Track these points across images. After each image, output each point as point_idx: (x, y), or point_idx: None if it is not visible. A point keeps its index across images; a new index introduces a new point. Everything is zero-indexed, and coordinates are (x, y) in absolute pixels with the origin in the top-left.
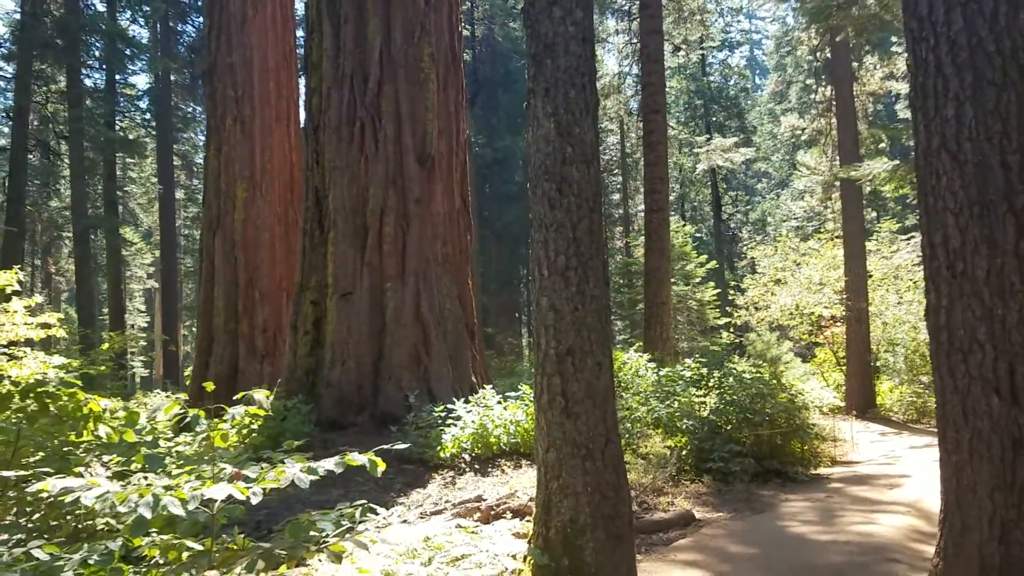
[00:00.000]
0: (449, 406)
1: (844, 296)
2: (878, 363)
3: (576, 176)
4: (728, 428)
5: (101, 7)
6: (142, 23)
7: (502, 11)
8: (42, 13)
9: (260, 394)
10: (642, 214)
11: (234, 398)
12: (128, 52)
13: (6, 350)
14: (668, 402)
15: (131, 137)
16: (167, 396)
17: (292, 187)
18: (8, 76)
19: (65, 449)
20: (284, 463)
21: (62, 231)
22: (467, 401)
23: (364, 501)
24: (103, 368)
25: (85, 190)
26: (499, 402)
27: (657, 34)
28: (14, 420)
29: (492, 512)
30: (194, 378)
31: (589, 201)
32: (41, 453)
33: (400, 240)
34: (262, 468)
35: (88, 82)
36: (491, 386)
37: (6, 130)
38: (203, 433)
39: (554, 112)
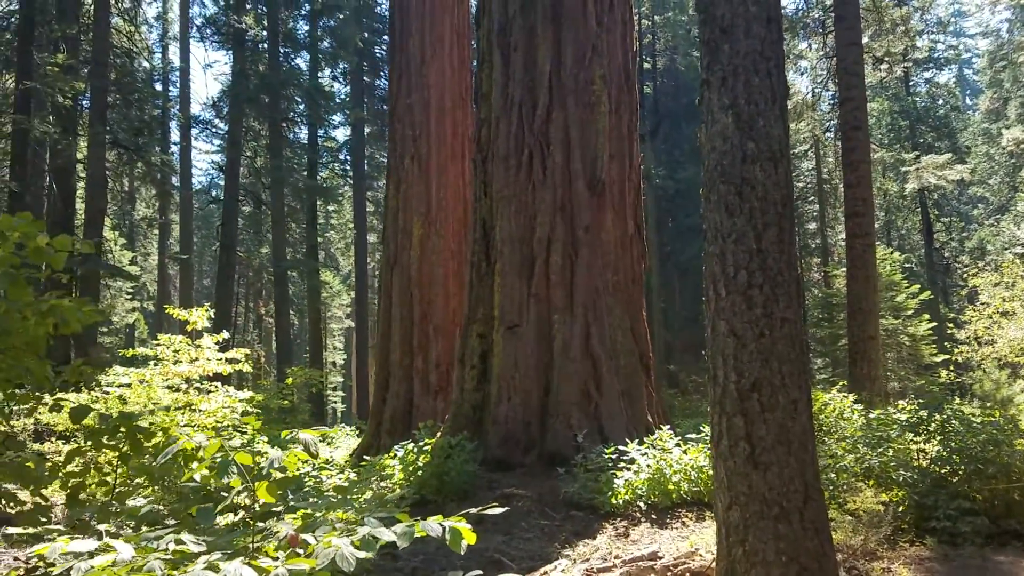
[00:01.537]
0: (621, 448)
1: None
2: None
3: (760, 176)
4: (955, 481)
5: (303, 66)
6: (342, 80)
7: (685, 41)
8: (249, 71)
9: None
10: (842, 243)
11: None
12: (326, 106)
13: (199, 385)
14: (880, 449)
15: (329, 186)
16: (352, 431)
17: (465, 223)
18: (222, 132)
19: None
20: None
21: (270, 275)
22: (642, 442)
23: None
24: (286, 402)
25: (285, 235)
26: (678, 444)
27: (855, 46)
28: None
29: (669, 573)
30: (372, 414)
31: (777, 205)
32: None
33: (568, 270)
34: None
35: (293, 136)
36: (669, 426)
37: (221, 182)
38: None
39: (732, 104)
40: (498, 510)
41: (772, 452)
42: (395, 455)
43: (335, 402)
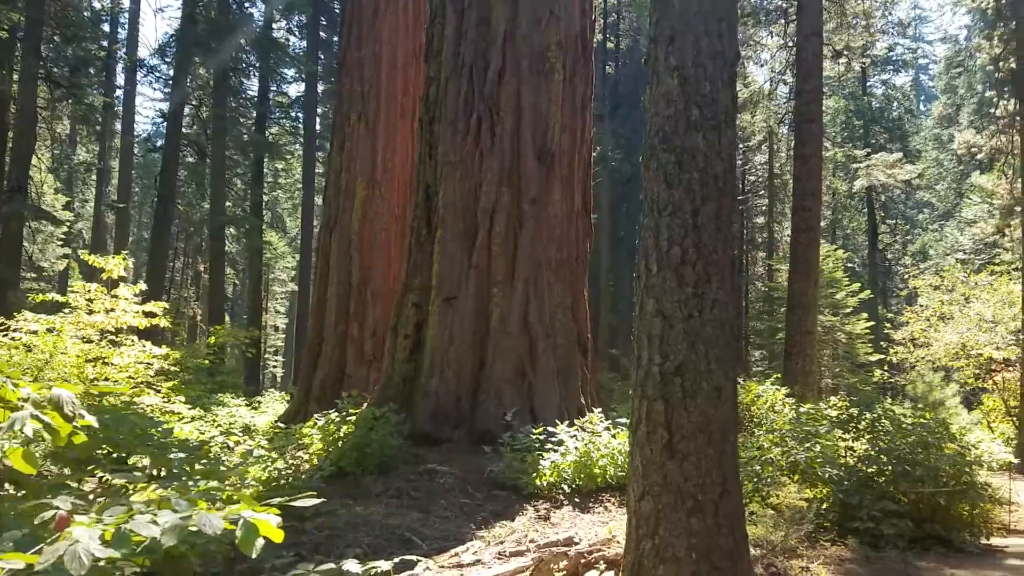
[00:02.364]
0: (550, 428)
1: (1021, 337)
2: None
3: (702, 146)
4: (881, 481)
5: (258, 15)
6: (297, 34)
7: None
8: (199, 16)
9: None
10: (788, 239)
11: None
12: (277, 58)
13: (114, 338)
14: (808, 444)
15: (277, 142)
16: (281, 397)
17: (413, 187)
18: (167, 78)
19: None
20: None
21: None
22: (572, 424)
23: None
24: (204, 362)
25: (224, 189)
26: (608, 428)
27: (816, 37)
28: None
29: (582, 560)
30: (301, 380)
31: (718, 179)
32: None
33: (511, 242)
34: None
35: (243, 88)
36: (602, 410)
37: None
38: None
39: (679, 65)
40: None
41: (691, 441)
42: (315, 424)
43: (275, 367)
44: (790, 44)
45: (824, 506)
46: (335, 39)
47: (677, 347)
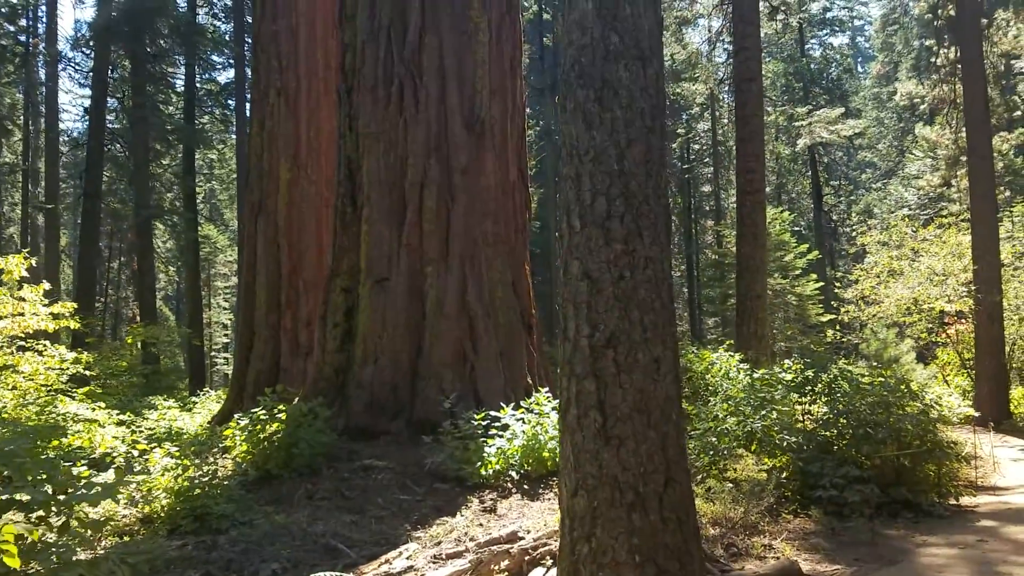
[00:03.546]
0: (493, 412)
1: (972, 288)
2: (1013, 366)
3: (625, 78)
4: (842, 446)
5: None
6: (223, 18)
7: None
8: (115, 3)
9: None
10: (735, 205)
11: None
12: (201, 43)
13: (23, 342)
14: (764, 412)
15: (206, 131)
16: (218, 396)
17: None
18: (87, 70)
19: None
20: None
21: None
22: (519, 407)
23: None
24: (122, 363)
25: (147, 182)
26: (556, 408)
27: None
28: None
29: (527, 558)
30: (234, 376)
31: (645, 116)
32: None
33: (443, 217)
34: None
35: (169, 76)
36: (549, 389)
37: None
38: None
39: None
40: None
41: (628, 423)
42: (237, 424)
43: (222, 364)
44: (726, 2)
45: (784, 475)
46: None
47: (607, 315)
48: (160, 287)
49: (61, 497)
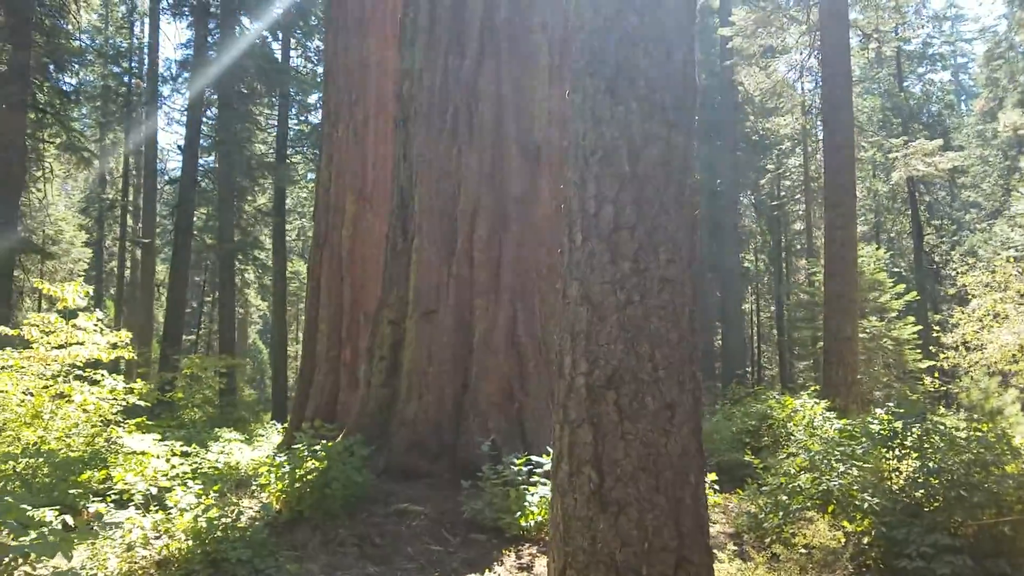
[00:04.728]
0: (535, 458)
1: None
2: None
3: (644, 65)
4: (932, 509)
5: (277, 48)
6: (316, 60)
7: None
8: (210, 44)
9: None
10: (823, 241)
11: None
12: (290, 82)
13: (82, 372)
14: (843, 468)
15: (290, 169)
16: (282, 429)
17: None
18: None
19: None
20: None
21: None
22: None
23: None
24: (178, 395)
25: (231, 216)
26: None
27: (841, 15)
28: None
29: None
30: (294, 410)
31: (667, 111)
32: None
33: (495, 247)
34: None
35: (263, 117)
36: None
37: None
38: None
39: None
40: None
41: (631, 485)
42: (273, 460)
43: None
44: (814, 29)
45: (865, 541)
46: None
47: (610, 348)
48: (253, 321)
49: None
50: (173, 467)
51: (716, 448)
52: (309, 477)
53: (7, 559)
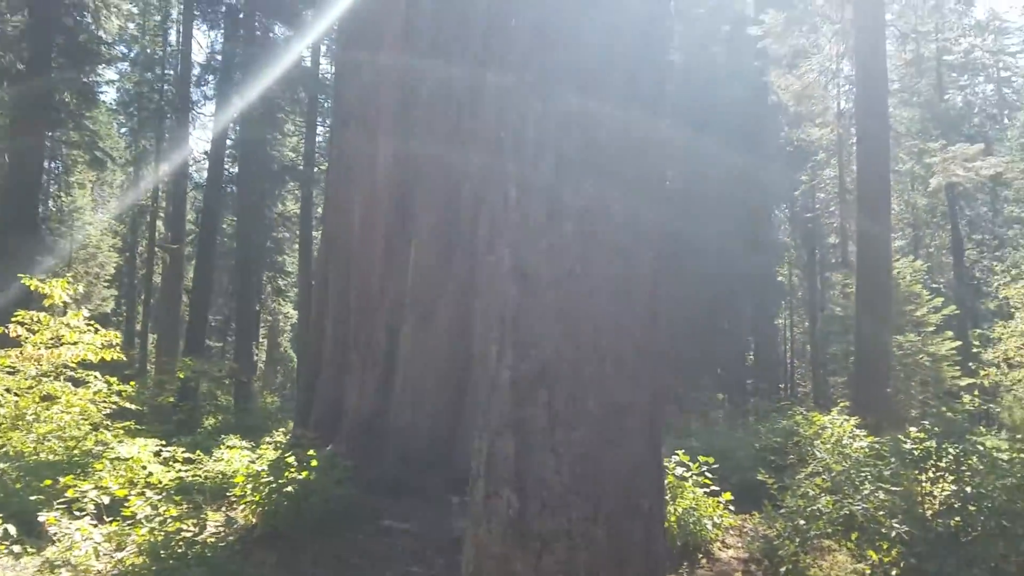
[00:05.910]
0: None
1: None
2: None
3: None
4: (971, 539)
5: (307, 53)
6: None
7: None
8: (237, 49)
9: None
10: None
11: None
12: (317, 89)
13: (73, 373)
14: (869, 491)
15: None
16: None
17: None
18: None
19: None
20: None
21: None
22: None
23: None
24: (164, 398)
25: (253, 221)
26: None
27: (877, 16)
28: None
29: None
30: (297, 417)
31: (638, 23)
32: None
33: None
34: None
35: (290, 123)
36: None
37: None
38: None
39: None
40: None
41: (560, 513)
42: (248, 469)
43: None
44: (847, 29)
45: (893, 574)
46: None
47: (543, 332)
48: (285, 329)
49: None
50: (192, 472)
51: (739, 466)
52: (287, 489)
53: None
